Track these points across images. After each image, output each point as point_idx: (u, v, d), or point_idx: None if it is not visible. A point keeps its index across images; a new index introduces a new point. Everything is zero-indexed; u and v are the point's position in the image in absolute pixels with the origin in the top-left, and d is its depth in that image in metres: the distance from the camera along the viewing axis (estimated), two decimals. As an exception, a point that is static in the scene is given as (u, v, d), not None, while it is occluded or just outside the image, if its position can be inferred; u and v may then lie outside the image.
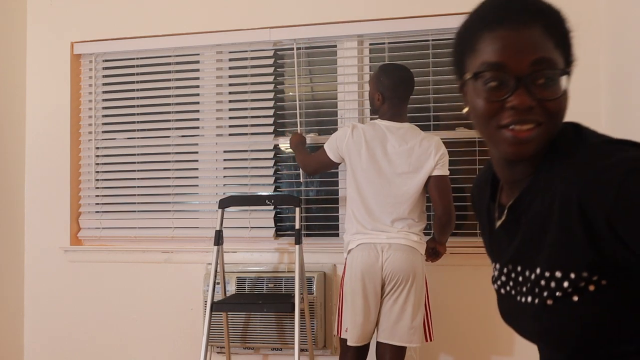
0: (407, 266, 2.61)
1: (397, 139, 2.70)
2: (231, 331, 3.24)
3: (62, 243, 3.60)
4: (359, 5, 3.28)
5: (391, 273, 2.61)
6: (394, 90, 2.78)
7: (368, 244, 2.65)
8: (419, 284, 2.64)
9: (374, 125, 2.78)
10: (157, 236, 3.54)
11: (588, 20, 2.96)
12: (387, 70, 2.85)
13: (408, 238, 2.64)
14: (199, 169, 3.53)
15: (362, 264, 2.64)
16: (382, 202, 2.67)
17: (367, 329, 2.66)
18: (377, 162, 2.69)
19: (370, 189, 2.70)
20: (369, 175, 2.70)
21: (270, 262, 3.33)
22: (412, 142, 2.69)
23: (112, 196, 3.64)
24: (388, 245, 2.63)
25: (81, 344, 3.55)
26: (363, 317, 2.64)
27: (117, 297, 3.52)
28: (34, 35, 3.71)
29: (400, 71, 2.84)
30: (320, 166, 2.95)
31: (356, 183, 2.73)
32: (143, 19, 3.55)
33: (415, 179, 2.66)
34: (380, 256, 2.62)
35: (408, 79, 2.83)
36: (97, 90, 3.67)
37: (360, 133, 2.75)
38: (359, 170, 2.73)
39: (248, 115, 3.46)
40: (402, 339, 2.63)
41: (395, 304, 2.62)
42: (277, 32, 3.38)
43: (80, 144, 3.68)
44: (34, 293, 3.64)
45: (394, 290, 2.62)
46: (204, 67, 3.55)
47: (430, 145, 2.68)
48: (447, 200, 2.68)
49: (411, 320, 2.61)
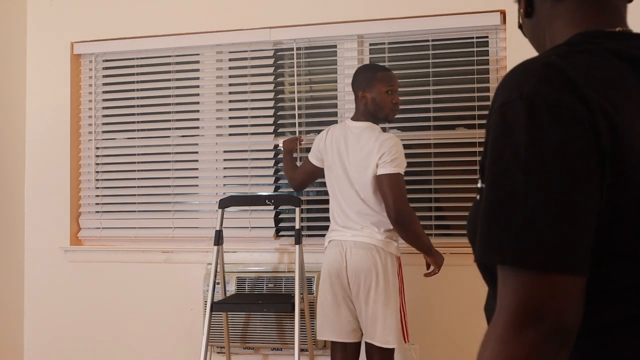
0: (369, 265, 2.62)
1: (354, 138, 2.74)
2: (231, 331, 3.24)
3: (62, 243, 3.60)
4: (359, 5, 3.28)
5: (354, 272, 2.63)
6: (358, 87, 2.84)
7: (337, 241, 2.71)
8: (386, 283, 2.62)
9: (342, 125, 2.85)
10: (157, 236, 3.54)
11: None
12: (360, 68, 2.93)
13: (372, 237, 2.65)
14: (199, 169, 3.53)
15: (329, 263, 2.72)
16: (349, 200, 2.71)
17: (340, 325, 2.70)
18: (343, 162, 2.74)
19: (339, 187, 2.75)
20: (337, 174, 2.76)
21: (270, 262, 3.33)
22: (363, 141, 2.71)
23: (112, 196, 3.64)
24: (353, 243, 2.66)
25: (81, 343, 3.55)
26: (332, 312, 2.70)
27: (117, 297, 3.51)
28: (34, 35, 3.70)
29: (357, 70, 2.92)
30: (306, 176, 2.99)
31: (329, 181, 2.81)
32: (143, 19, 3.54)
33: (367, 178, 2.68)
34: (344, 255, 2.66)
35: (354, 76, 2.87)
36: (97, 90, 3.67)
37: (330, 134, 2.83)
38: (329, 170, 2.80)
39: (248, 115, 3.46)
40: (378, 339, 2.63)
41: (366, 304, 2.63)
42: (277, 32, 3.37)
43: (80, 144, 3.68)
44: (34, 293, 3.64)
45: (361, 290, 2.63)
46: (204, 67, 3.54)
47: (375, 144, 2.66)
48: (394, 199, 2.60)
49: (383, 321, 2.61)
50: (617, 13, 0.92)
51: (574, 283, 0.77)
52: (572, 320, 0.77)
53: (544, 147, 0.78)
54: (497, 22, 3.08)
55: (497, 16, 3.07)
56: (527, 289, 0.77)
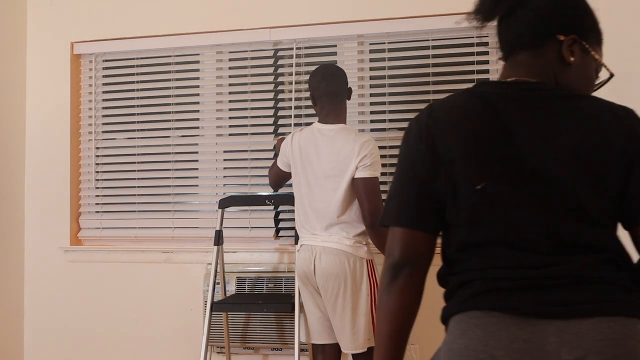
0: (337, 271, 2.57)
1: (326, 141, 2.66)
2: (231, 331, 3.24)
3: (62, 243, 3.60)
4: (359, 5, 3.28)
5: (322, 278, 2.59)
6: (317, 89, 2.74)
7: (307, 246, 2.66)
8: (355, 289, 2.58)
9: (310, 130, 2.75)
10: (157, 236, 3.54)
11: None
12: (313, 71, 2.83)
13: (341, 242, 2.60)
14: (199, 169, 3.53)
15: (300, 267, 2.68)
16: (317, 207, 2.65)
17: (316, 327, 2.72)
18: (312, 167, 2.67)
19: (307, 193, 2.68)
20: (304, 181, 2.69)
21: (270, 262, 3.33)
22: (339, 143, 2.63)
23: (112, 196, 3.64)
24: (322, 248, 2.61)
25: (81, 343, 3.55)
26: (311, 314, 2.73)
27: (117, 297, 3.52)
28: (34, 35, 3.70)
29: (323, 68, 2.80)
30: (277, 178, 2.94)
31: (296, 188, 2.74)
32: (143, 19, 3.55)
33: (342, 182, 2.60)
34: (313, 260, 2.62)
35: (328, 75, 2.75)
36: (97, 90, 3.67)
37: (297, 139, 2.74)
38: (296, 176, 2.73)
39: (248, 115, 3.46)
40: (347, 345, 2.61)
41: (334, 311, 2.60)
42: (277, 32, 3.38)
43: (80, 144, 3.68)
44: (34, 293, 3.64)
45: (330, 296, 2.60)
46: (204, 67, 3.55)
47: (354, 147, 2.58)
48: (372, 203, 2.55)
49: (352, 326, 2.58)
50: (522, 69, 1.23)
51: (406, 233, 1.19)
52: (400, 258, 1.18)
53: (401, 150, 1.25)
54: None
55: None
56: (386, 238, 1.23)
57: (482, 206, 1.12)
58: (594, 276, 1.06)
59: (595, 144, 1.12)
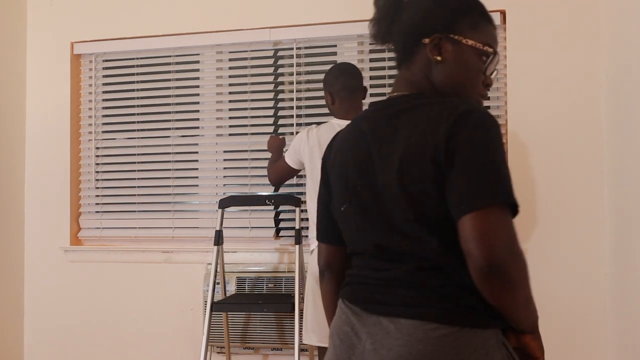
0: None
1: None
2: (231, 331, 3.24)
3: (62, 243, 3.60)
4: (359, 6, 3.26)
5: None
6: (334, 84, 2.73)
7: None
8: None
9: (330, 126, 2.71)
10: (157, 236, 3.54)
11: (588, 20, 2.96)
12: (330, 69, 2.84)
13: None
14: (199, 169, 3.53)
15: (314, 268, 2.62)
16: None
17: (323, 330, 2.63)
18: None
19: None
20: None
21: (270, 262, 3.33)
22: None
23: (112, 196, 3.64)
24: None
25: (81, 343, 3.55)
26: (317, 316, 2.63)
27: (117, 297, 3.52)
28: (34, 35, 3.71)
29: (339, 65, 2.83)
30: (282, 175, 2.92)
31: (313, 186, 2.68)
32: (143, 19, 3.55)
33: None
34: None
35: (346, 70, 2.77)
36: (97, 90, 3.67)
37: (314, 136, 2.71)
38: (314, 173, 2.68)
39: (248, 115, 3.47)
40: None
41: None
42: (277, 32, 3.38)
43: (80, 144, 3.68)
44: (34, 293, 3.64)
45: None
46: (204, 67, 3.55)
47: None
48: None
49: None
50: (401, 83, 1.33)
51: (320, 246, 1.43)
52: (321, 266, 1.43)
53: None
54: (497, 22, 3.08)
55: (497, 16, 3.06)
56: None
57: (343, 224, 1.33)
58: (411, 282, 1.19)
59: (413, 156, 1.17)
